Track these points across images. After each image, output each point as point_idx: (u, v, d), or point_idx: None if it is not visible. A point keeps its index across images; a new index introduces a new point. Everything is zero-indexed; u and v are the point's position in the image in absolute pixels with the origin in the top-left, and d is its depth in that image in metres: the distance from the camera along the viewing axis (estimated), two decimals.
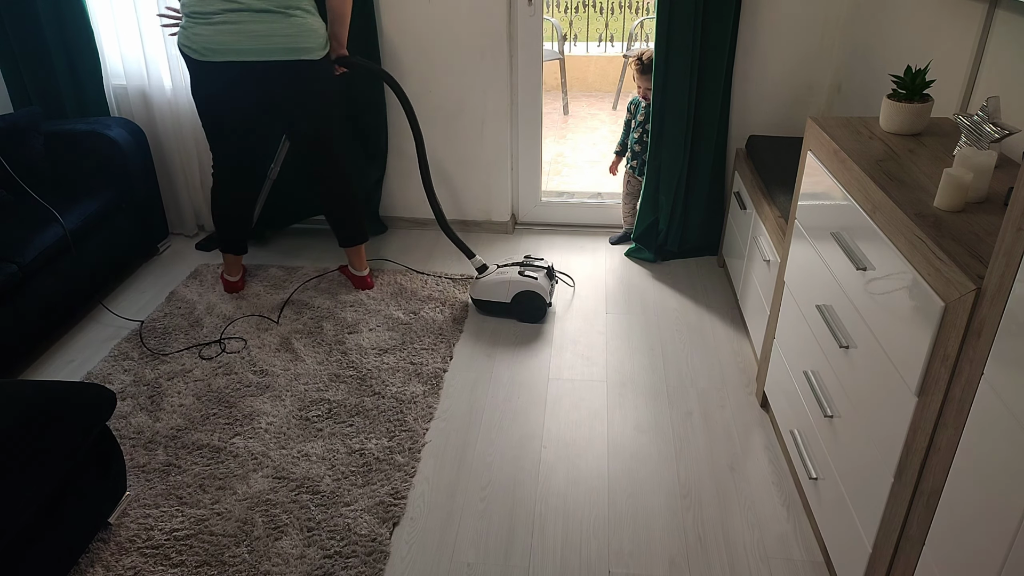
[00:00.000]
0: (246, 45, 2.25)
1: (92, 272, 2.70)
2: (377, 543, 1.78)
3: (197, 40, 2.26)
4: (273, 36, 2.26)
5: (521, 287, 2.61)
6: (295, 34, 2.28)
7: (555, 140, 4.89)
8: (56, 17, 2.92)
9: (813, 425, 1.75)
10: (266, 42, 2.26)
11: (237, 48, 2.26)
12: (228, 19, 2.22)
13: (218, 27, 2.24)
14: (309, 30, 2.31)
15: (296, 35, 2.28)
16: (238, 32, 2.24)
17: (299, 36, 2.28)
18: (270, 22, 2.24)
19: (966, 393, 1.13)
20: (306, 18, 2.30)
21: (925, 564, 1.25)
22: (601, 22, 7.36)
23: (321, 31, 2.35)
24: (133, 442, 2.10)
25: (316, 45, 2.33)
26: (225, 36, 2.24)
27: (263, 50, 2.27)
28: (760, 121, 2.99)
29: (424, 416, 2.20)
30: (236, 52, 2.27)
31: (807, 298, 1.81)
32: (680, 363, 2.45)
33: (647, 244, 3.07)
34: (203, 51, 2.27)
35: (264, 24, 2.24)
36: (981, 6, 1.83)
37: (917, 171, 1.54)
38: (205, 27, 2.25)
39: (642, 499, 1.92)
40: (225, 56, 2.27)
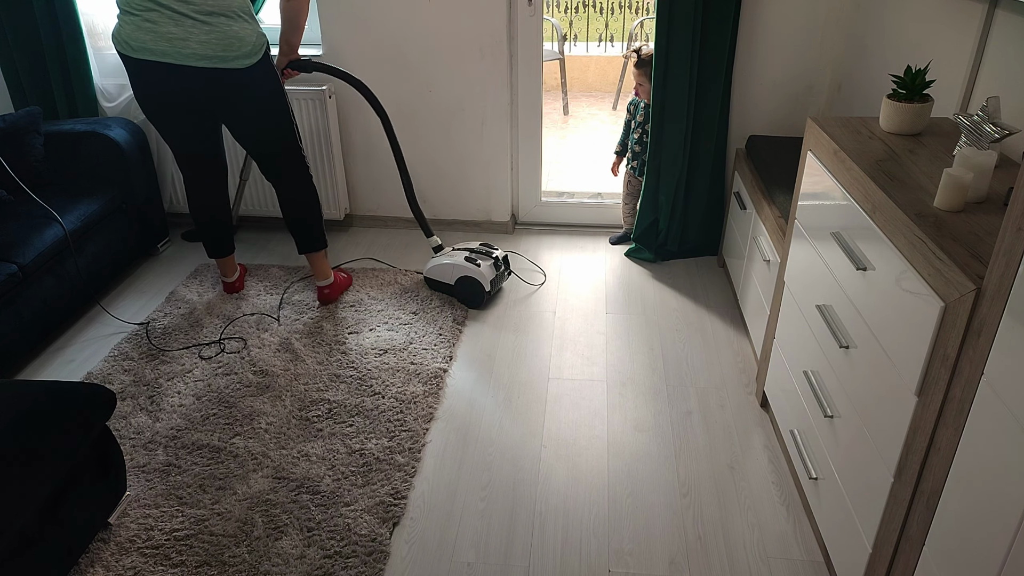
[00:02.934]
0: (162, 47, 2.19)
1: (92, 272, 2.70)
2: (377, 543, 1.78)
3: (121, 33, 2.22)
4: (189, 41, 2.19)
5: (463, 272, 2.72)
6: (212, 41, 2.20)
7: (555, 140, 4.89)
8: (50, 16, 2.92)
9: (813, 425, 1.75)
10: (181, 46, 2.19)
11: (152, 48, 2.20)
12: (148, 18, 2.18)
13: (138, 24, 2.19)
14: (231, 37, 2.22)
15: (213, 43, 2.20)
16: (155, 32, 2.18)
17: (217, 44, 2.21)
18: (188, 27, 2.18)
19: (966, 393, 1.13)
20: (230, 25, 2.22)
21: (925, 564, 1.25)
22: (601, 22, 7.37)
23: (249, 38, 2.25)
24: (133, 442, 2.10)
25: (238, 54, 2.24)
26: (143, 34, 2.19)
27: (178, 54, 2.20)
28: (760, 121, 2.99)
29: (424, 416, 2.20)
30: (151, 52, 2.20)
31: (807, 298, 1.81)
32: (680, 363, 2.45)
33: (647, 244, 3.07)
34: (124, 46, 2.23)
35: (181, 28, 2.18)
36: (981, 6, 1.83)
37: (917, 171, 1.54)
38: (128, 23, 2.20)
39: (642, 498, 1.92)
40: (142, 54, 2.21)
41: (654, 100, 2.82)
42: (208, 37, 2.19)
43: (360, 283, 2.91)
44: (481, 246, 2.82)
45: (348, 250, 3.20)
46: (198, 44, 2.19)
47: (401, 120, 3.16)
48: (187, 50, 2.19)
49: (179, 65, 2.22)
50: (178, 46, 2.19)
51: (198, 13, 2.18)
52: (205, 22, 2.19)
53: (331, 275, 2.73)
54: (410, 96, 3.10)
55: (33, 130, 2.74)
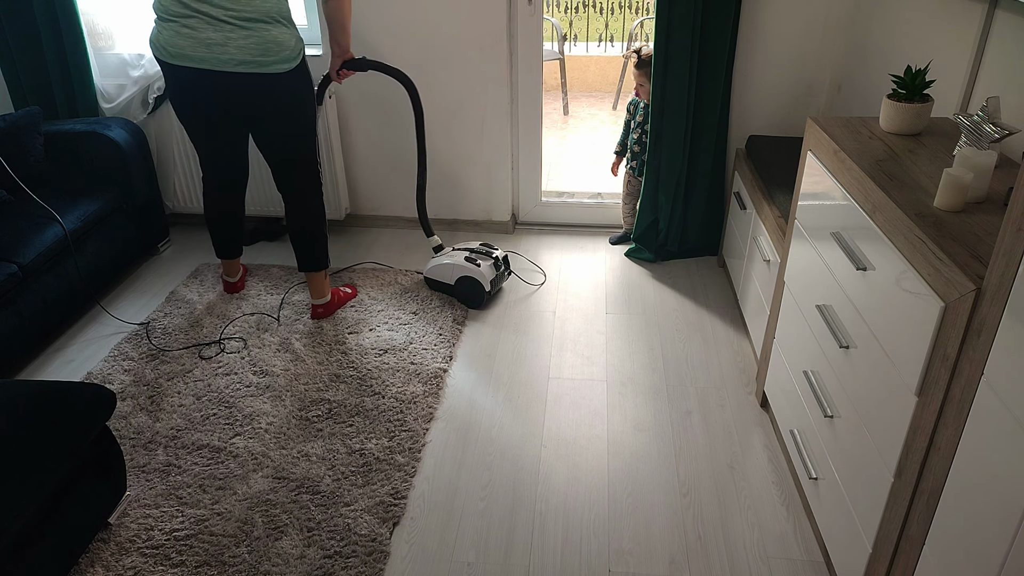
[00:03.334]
0: (200, 52, 2.18)
1: (92, 272, 2.70)
2: (377, 543, 1.78)
3: (158, 39, 2.22)
4: (227, 46, 2.17)
5: (463, 272, 2.71)
6: (251, 46, 2.18)
7: (555, 140, 4.89)
8: (50, 16, 2.92)
9: (813, 425, 1.75)
10: (220, 51, 2.17)
11: (191, 55, 2.19)
12: (186, 24, 2.16)
13: (176, 30, 2.18)
14: (270, 42, 2.20)
15: (252, 47, 2.18)
16: (193, 38, 2.17)
17: (256, 48, 2.19)
18: (227, 32, 2.16)
19: (966, 393, 1.13)
20: (269, 30, 2.20)
21: (925, 564, 1.25)
22: (601, 22, 7.37)
23: (289, 43, 2.24)
24: (133, 442, 2.10)
25: (277, 59, 2.22)
26: (181, 40, 2.18)
27: (216, 59, 2.19)
28: (760, 121, 2.99)
29: (424, 416, 2.20)
30: (189, 58, 2.19)
31: (807, 298, 1.81)
32: (680, 363, 2.45)
33: (647, 244, 3.07)
34: (161, 51, 2.22)
35: (220, 33, 2.16)
36: (981, 6, 1.83)
37: (917, 171, 1.54)
38: (166, 28, 2.20)
39: (642, 498, 1.92)
40: (180, 60, 2.20)
41: (653, 100, 2.82)
42: (247, 42, 2.18)
43: (360, 283, 2.91)
44: (481, 246, 2.82)
45: (348, 250, 3.20)
46: (236, 49, 2.17)
47: (401, 120, 3.16)
48: (225, 55, 2.18)
49: (217, 71, 2.21)
50: (216, 52, 2.17)
51: (237, 19, 2.16)
52: (244, 27, 2.17)
53: (328, 294, 2.67)
54: (406, 96, 3.10)
55: (33, 130, 2.73)
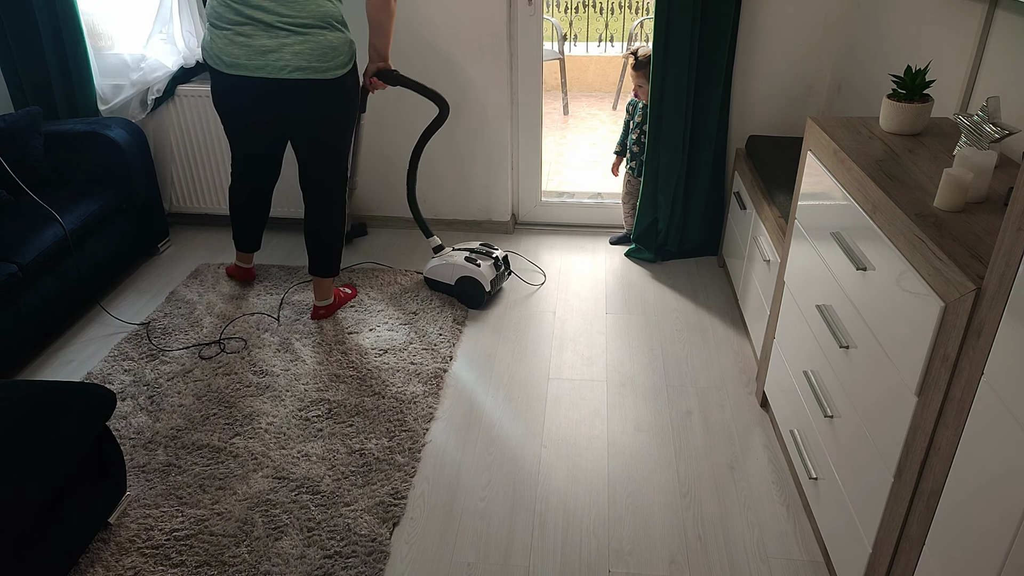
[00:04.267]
0: (256, 61, 2.19)
1: (92, 272, 2.70)
2: (377, 543, 1.78)
3: (212, 48, 2.23)
4: (282, 52, 2.17)
5: (464, 272, 2.71)
6: (307, 52, 2.18)
7: (555, 140, 4.89)
8: (50, 16, 2.92)
9: (813, 425, 1.75)
10: (275, 59, 2.18)
11: (247, 64, 2.20)
12: (241, 32, 2.17)
13: (231, 39, 2.19)
14: (326, 47, 2.20)
15: (307, 53, 2.18)
16: (248, 47, 2.18)
17: (311, 54, 2.19)
18: (282, 38, 2.17)
19: (966, 393, 1.13)
20: (325, 35, 2.20)
21: (925, 564, 1.25)
22: (601, 22, 7.36)
23: (342, 48, 2.24)
24: (133, 442, 2.10)
25: (332, 64, 2.23)
26: (235, 49, 2.19)
27: (272, 67, 2.19)
28: (760, 121, 2.99)
29: (424, 416, 2.20)
30: (245, 67, 2.20)
31: (807, 298, 1.81)
32: (680, 363, 2.45)
33: (647, 244, 3.07)
34: (216, 60, 2.24)
35: (275, 40, 2.17)
36: (981, 6, 1.83)
37: (917, 171, 1.54)
38: (220, 37, 2.21)
39: (642, 498, 1.92)
40: (234, 69, 2.22)
41: (652, 100, 2.82)
42: (303, 48, 2.17)
43: (360, 283, 2.91)
44: (481, 246, 2.82)
45: (348, 250, 3.20)
46: (292, 55, 2.17)
47: (401, 120, 3.16)
48: (280, 62, 2.18)
49: (272, 79, 2.21)
50: (271, 59, 2.17)
51: (292, 24, 2.15)
52: (299, 32, 2.16)
53: (331, 297, 2.68)
54: (410, 96, 3.10)
55: (33, 130, 2.73)
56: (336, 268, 2.61)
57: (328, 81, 2.25)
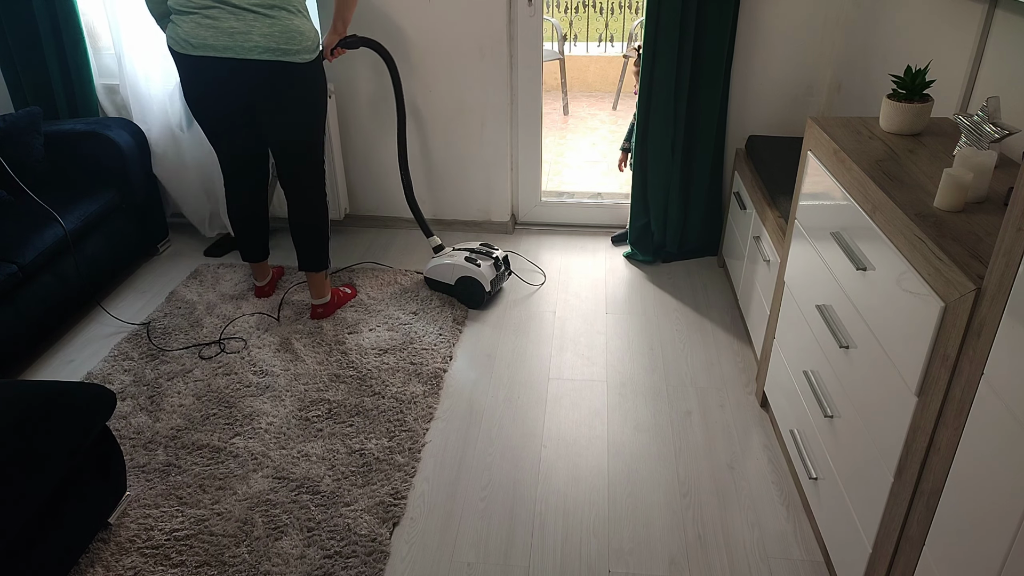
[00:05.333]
0: (223, 41, 2.19)
1: (92, 272, 2.70)
2: (377, 543, 1.78)
3: (179, 33, 2.22)
4: (251, 34, 2.19)
5: (464, 272, 2.71)
6: (276, 34, 2.20)
7: (555, 140, 4.89)
8: (50, 17, 2.92)
9: (813, 425, 1.75)
10: (243, 39, 2.19)
11: (214, 44, 2.19)
12: (208, 15, 2.18)
13: (198, 22, 2.19)
14: (293, 31, 2.22)
15: (276, 35, 2.20)
16: (215, 28, 2.18)
17: (280, 36, 2.20)
18: (249, 20, 2.18)
19: (966, 393, 1.13)
20: (291, 19, 2.22)
21: (925, 564, 1.25)
22: (601, 22, 7.37)
23: (309, 34, 2.26)
24: (133, 442, 2.10)
25: (300, 47, 2.24)
26: (203, 31, 2.19)
27: (240, 47, 2.20)
28: (760, 121, 2.99)
29: (424, 416, 2.20)
30: (212, 48, 2.20)
31: (807, 298, 1.81)
32: (680, 363, 2.45)
33: (643, 248, 3.07)
34: (182, 44, 2.22)
35: (242, 22, 2.18)
36: (981, 6, 1.83)
37: (917, 171, 1.54)
38: (186, 21, 2.21)
39: (642, 498, 1.92)
40: (203, 51, 2.21)
41: (640, 100, 2.82)
42: (271, 30, 2.19)
43: (360, 283, 2.91)
44: (481, 246, 2.82)
45: (348, 251, 3.20)
46: (260, 37, 2.19)
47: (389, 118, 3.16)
48: (249, 43, 2.19)
49: (240, 60, 2.22)
50: (239, 40, 2.19)
51: (259, 6, 2.17)
52: (267, 15, 2.18)
53: (328, 295, 2.67)
54: (410, 96, 3.10)
55: (33, 130, 2.73)
56: (326, 261, 2.61)
57: (297, 65, 2.27)
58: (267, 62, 2.23)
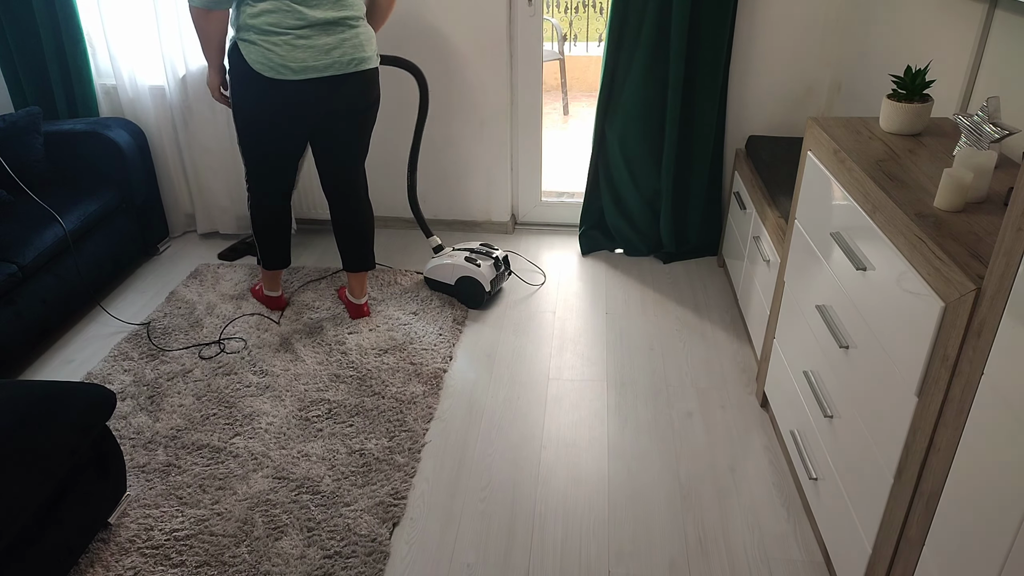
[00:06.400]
0: (322, 61, 2.17)
1: (92, 272, 2.70)
2: (377, 543, 1.78)
3: (272, 57, 2.14)
4: (343, 47, 2.20)
5: (464, 272, 2.71)
6: (362, 43, 2.24)
7: (555, 140, 4.89)
8: (50, 16, 2.93)
9: (813, 425, 1.75)
10: (340, 55, 2.19)
11: (314, 65, 2.17)
12: (301, 34, 2.14)
13: (293, 43, 2.13)
14: (370, 37, 2.28)
15: (363, 44, 2.24)
16: (312, 48, 2.15)
17: (366, 44, 2.25)
18: (339, 34, 2.19)
19: (966, 393, 1.13)
20: (364, 26, 2.27)
21: (925, 564, 1.25)
22: (601, 22, 7.36)
23: (374, 37, 2.33)
24: (133, 442, 2.10)
25: (375, 53, 2.31)
26: (301, 53, 2.15)
27: (338, 64, 2.20)
28: (760, 121, 2.99)
29: (424, 416, 2.20)
30: (314, 69, 2.17)
31: (807, 298, 1.81)
32: (680, 363, 2.45)
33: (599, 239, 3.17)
34: (280, 70, 2.15)
35: (333, 37, 2.18)
36: (981, 6, 1.83)
37: (917, 171, 1.54)
38: (280, 44, 2.13)
39: (642, 499, 1.92)
40: (303, 74, 2.17)
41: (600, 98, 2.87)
42: (357, 40, 2.22)
43: None
44: (481, 246, 2.82)
45: None
46: (353, 48, 2.21)
47: (401, 120, 3.16)
48: (346, 57, 2.21)
49: (340, 75, 2.23)
50: (336, 56, 2.19)
51: (347, 20, 2.19)
52: (352, 26, 2.21)
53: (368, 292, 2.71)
54: (410, 96, 3.10)
55: (33, 130, 2.74)
56: (374, 257, 2.66)
57: (376, 69, 2.34)
58: (361, 72, 2.27)
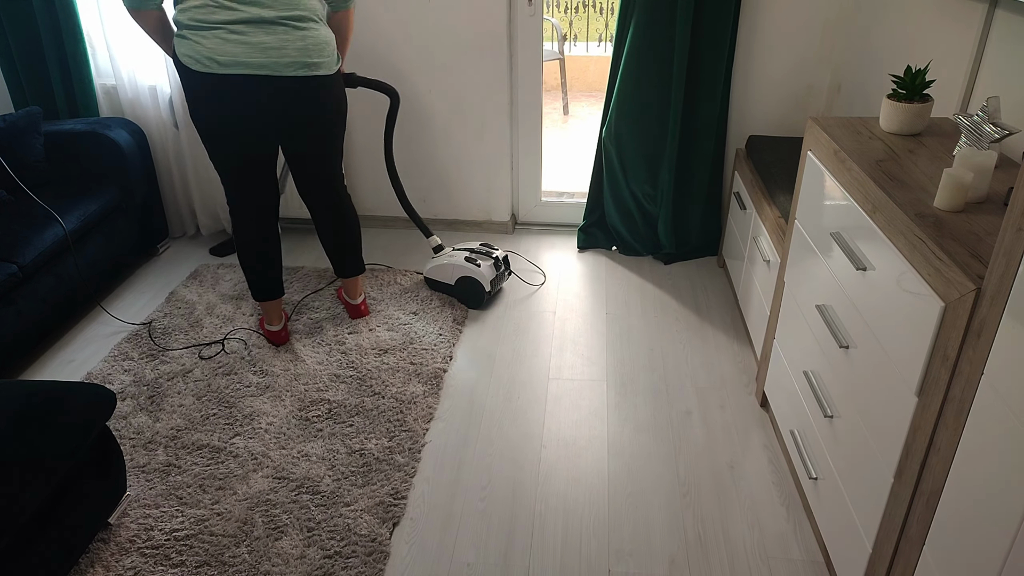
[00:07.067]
0: (256, 59, 2.03)
1: (92, 272, 2.70)
2: (377, 543, 1.78)
3: (201, 50, 2.01)
4: (286, 49, 2.06)
5: (464, 272, 2.71)
6: (308, 48, 2.09)
7: (555, 140, 4.89)
8: (50, 16, 2.93)
9: (813, 425, 1.75)
10: (278, 55, 2.05)
11: (247, 61, 2.03)
12: (234, 30, 2.01)
13: (224, 37, 2.01)
14: (322, 42, 2.12)
15: (309, 48, 2.09)
16: (246, 44, 2.02)
17: (312, 49, 2.10)
18: (280, 34, 2.05)
19: (966, 393, 1.13)
20: (319, 29, 2.12)
21: (925, 564, 1.25)
22: (601, 22, 7.36)
23: (331, 42, 2.17)
24: (133, 442, 2.10)
25: (329, 58, 2.16)
26: (232, 47, 2.01)
27: (275, 64, 2.06)
28: (760, 121, 2.99)
29: (424, 416, 2.20)
30: (246, 65, 2.04)
31: (807, 298, 1.81)
32: (680, 363, 2.45)
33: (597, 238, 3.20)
34: (210, 64, 2.03)
35: (274, 36, 2.04)
36: (981, 6, 1.83)
37: (917, 171, 1.54)
38: (208, 37, 2.01)
39: (642, 498, 1.92)
40: (234, 69, 2.03)
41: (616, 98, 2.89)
42: (304, 43, 2.08)
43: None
44: (481, 246, 2.82)
45: None
46: (296, 51, 2.07)
47: (401, 120, 3.16)
48: (285, 59, 2.06)
49: (275, 76, 2.07)
50: (274, 56, 2.05)
51: (289, 19, 2.05)
52: (298, 28, 2.07)
53: (362, 291, 2.69)
54: (410, 96, 3.10)
55: (33, 130, 2.74)
56: (363, 263, 2.63)
57: (327, 78, 2.18)
58: (303, 78, 2.12)
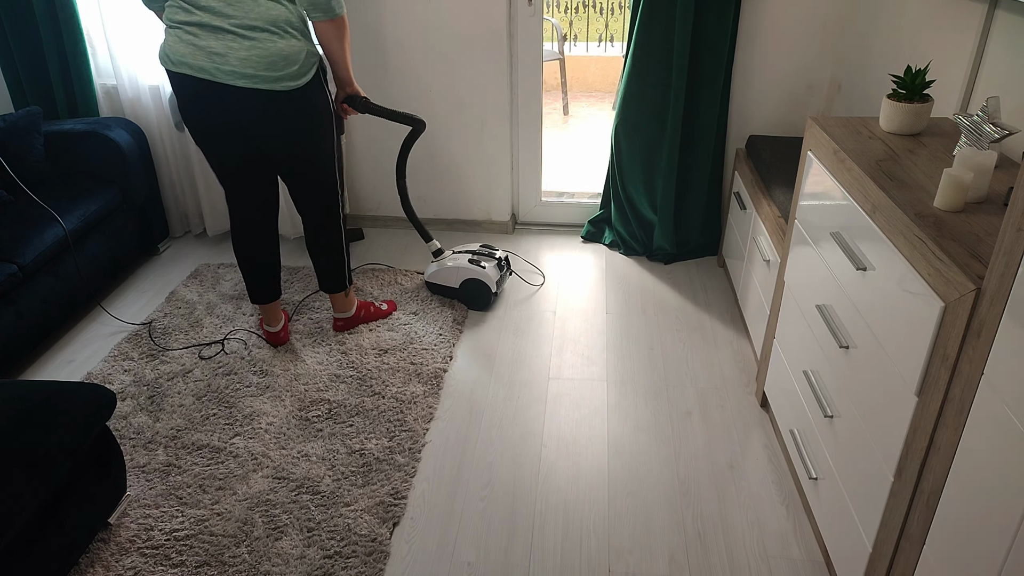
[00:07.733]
0: (200, 62, 1.98)
1: (92, 272, 2.70)
2: (377, 543, 1.78)
3: (164, 46, 2.03)
4: (228, 57, 1.97)
5: (469, 274, 2.70)
6: (253, 59, 1.97)
7: (555, 140, 4.89)
8: (50, 16, 2.93)
9: (813, 425, 1.75)
10: (220, 62, 1.97)
11: (191, 63, 1.99)
12: (189, 31, 1.98)
13: (180, 37, 1.99)
14: (275, 55, 1.99)
15: (254, 60, 1.97)
16: (194, 46, 1.98)
17: (259, 62, 1.98)
18: (227, 41, 1.96)
19: (966, 393, 1.13)
20: (275, 42, 1.98)
21: (925, 564, 1.25)
22: (601, 22, 7.36)
23: (297, 56, 2.02)
24: (133, 442, 2.10)
25: (284, 74, 2.01)
26: (182, 47, 1.99)
27: (216, 70, 1.98)
28: (760, 121, 2.99)
29: (424, 416, 2.20)
30: (189, 67, 1.99)
31: (807, 298, 1.81)
32: (680, 363, 2.45)
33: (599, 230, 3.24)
34: (165, 59, 2.03)
35: (221, 42, 1.97)
36: (981, 6, 1.83)
37: (917, 171, 1.54)
38: (170, 35, 2.02)
39: (642, 497, 1.92)
40: (181, 68, 2.01)
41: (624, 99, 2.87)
42: (248, 54, 1.97)
43: (360, 283, 2.91)
44: (482, 247, 2.82)
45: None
46: (237, 61, 1.97)
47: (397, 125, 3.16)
48: (226, 67, 1.98)
49: (217, 83, 2.01)
50: (217, 62, 1.97)
51: (239, 27, 1.96)
52: (247, 37, 1.96)
53: (351, 308, 2.57)
54: (410, 97, 3.10)
55: (33, 130, 2.74)
56: (344, 281, 2.50)
57: (280, 93, 2.04)
58: (245, 89, 2.02)
